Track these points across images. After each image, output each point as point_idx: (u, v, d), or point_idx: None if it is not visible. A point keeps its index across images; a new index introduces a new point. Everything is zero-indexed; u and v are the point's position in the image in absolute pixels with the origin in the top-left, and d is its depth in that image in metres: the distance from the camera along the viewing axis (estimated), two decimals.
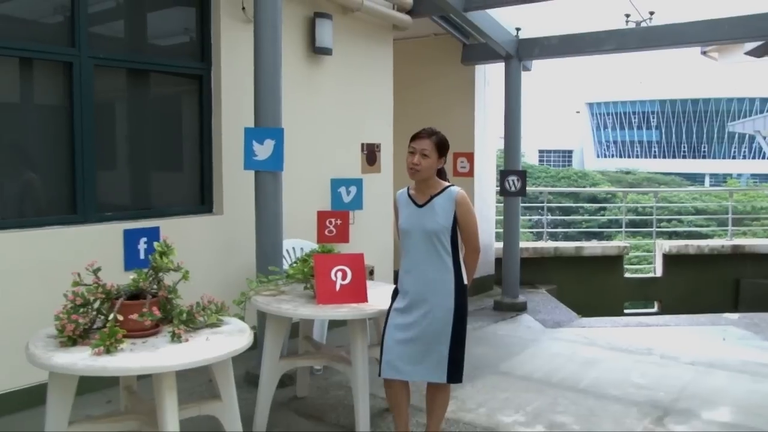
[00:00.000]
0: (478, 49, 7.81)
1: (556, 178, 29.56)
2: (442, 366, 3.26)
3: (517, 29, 7.24)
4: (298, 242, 5.42)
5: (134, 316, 2.82)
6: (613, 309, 9.06)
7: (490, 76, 8.37)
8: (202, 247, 4.96)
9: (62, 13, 4.38)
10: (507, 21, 7.16)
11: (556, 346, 5.94)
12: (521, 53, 7.27)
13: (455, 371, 3.29)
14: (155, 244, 3.00)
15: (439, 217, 3.20)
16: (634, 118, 55.05)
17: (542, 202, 12.38)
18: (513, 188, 7.28)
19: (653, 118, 54.04)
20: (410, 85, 8.04)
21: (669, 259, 9.70)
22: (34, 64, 4.30)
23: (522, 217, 10.06)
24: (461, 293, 3.25)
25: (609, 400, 4.52)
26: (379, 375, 3.34)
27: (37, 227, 4.17)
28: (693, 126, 52.09)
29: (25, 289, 4.03)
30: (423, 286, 3.24)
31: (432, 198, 3.25)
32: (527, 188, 7.33)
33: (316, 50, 5.73)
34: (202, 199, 5.15)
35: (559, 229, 10.80)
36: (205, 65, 5.10)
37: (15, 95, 4.31)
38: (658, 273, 9.83)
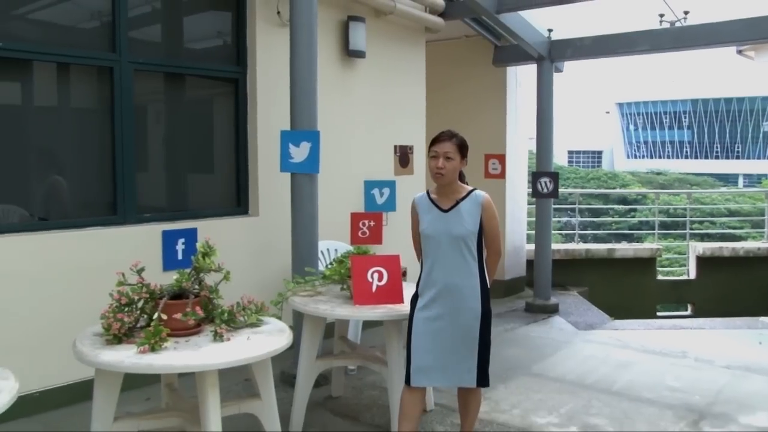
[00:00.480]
0: (510, 50, 7.79)
1: (586, 179, 29.33)
2: (472, 372, 3.25)
3: (549, 30, 7.21)
4: (332, 243, 5.48)
5: (178, 316, 2.89)
6: (646, 311, 8.96)
7: (521, 78, 8.35)
8: (238, 249, 5.04)
9: (103, 19, 4.49)
10: (539, 22, 7.14)
11: (589, 349, 5.91)
12: (553, 54, 7.24)
13: (483, 375, 3.30)
14: (198, 245, 3.07)
15: (467, 222, 3.16)
16: (666, 117, 54.23)
17: (572, 204, 12.28)
18: (545, 190, 7.25)
19: (685, 117, 53.18)
20: (441, 87, 8.05)
21: (703, 261, 9.57)
22: (76, 69, 4.42)
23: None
24: (487, 297, 3.24)
25: (643, 402, 4.48)
26: (408, 383, 3.25)
27: (79, 228, 4.27)
28: (726, 125, 51.11)
29: (69, 289, 4.14)
30: (450, 292, 3.19)
31: (458, 203, 3.21)
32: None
33: (350, 53, 5.79)
34: (238, 200, 5.24)
35: (589, 231, 10.74)
36: (241, 69, 5.18)
37: (58, 100, 4.44)
38: (692, 275, 9.70)
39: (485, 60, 8.07)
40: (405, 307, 3.65)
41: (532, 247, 8.82)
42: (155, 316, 2.86)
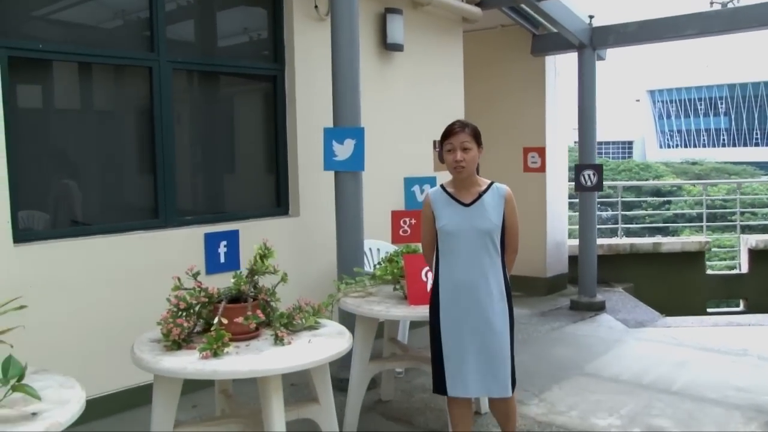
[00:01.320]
0: (549, 39, 7.75)
1: (616, 170, 29.05)
2: (507, 379, 3.15)
3: (591, 17, 7.16)
4: (374, 243, 5.50)
5: (239, 320, 2.92)
6: (695, 308, 8.85)
7: (560, 67, 8.30)
8: (280, 250, 4.98)
9: (141, 18, 4.55)
10: (579, 8, 7.09)
11: (642, 347, 5.87)
12: (595, 42, 7.19)
13: (514, 380, 3.21)
14: (255, 246, 3.11)
15: (492, 215, 3.10)
16: (700, 104, 53.50)
17: (606, 197, 12.17)
18: (589, 183, 7.21)
19: (721, 103, 52.38)
20: (478, 79, 8.03)
21: (756, 254, 9.41)
22: (115, 70, 4.48)
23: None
24: (511, 295, 3.20)
25: (707, 403, 4.44)
26: (444, 392, 3.19)
27: (121, 233, 4.33)
28: (766, 111, 50.24)
29: (114, 295, 4.20)
30: (477, 290, 3.11)
31: (480, 195, 3.14)
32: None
33: (388, 47, 5.80)
34: (278, 201, 5.28)
35: (620, 225, 10.66)
36: (279, 65, 5.22)
37: (98, 101, 4.50)
38: (743, 269, 9.56)
39: (523, 50, 8.04)
40: None
41: (573, 242, 8.82)
42: (215, 320, 2.90)
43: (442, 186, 3.26)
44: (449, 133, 3.17)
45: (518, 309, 7.08)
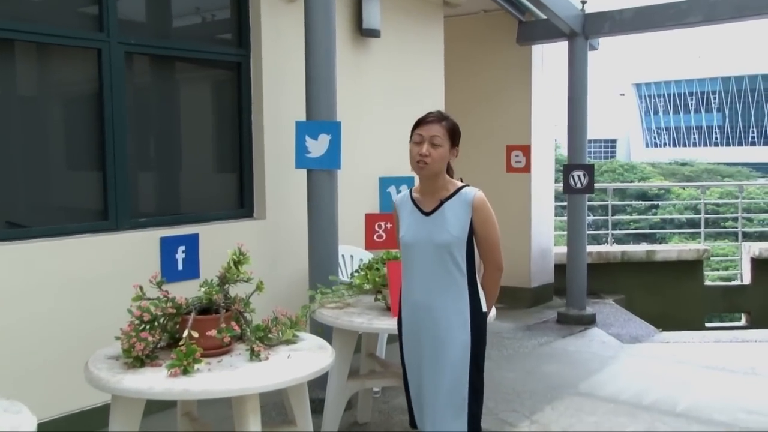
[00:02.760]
0: (536, 26, 7.90)
1: (599, 172, 29.67)
2: (461, 419, 2.96)
3: (583, 2, 7.32)
4: (346, 248, 5.54)
5: (211, 333, 2.93)
6: (693, 322, 9.07)
7: (548, 57, 8.46)
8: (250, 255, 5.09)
9: None
10: None
11: (640, 364, 6.02)
12: (588, 30, 7.36)
13: (474, 426, 2.99)
14: (229, 251, 3.13)
15: (451, 226, 2.93)
16: (691, 99, 54.59)
17: (590, 200, 12.40)
18: (579, 185, 7.37)
19: (714, 98, 53.46)
20: (458, 69, 8.13)
21: (759, 263, 9.64)
22: (58, 51, 4.42)
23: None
24: (480, 326, 2.98)
25: (716, 426, 4.58)
26: (413, 425, 3.18)
27: (65, 236, 4.29)
28: (764, 106, 51.38)
29: (59, 305, 4.16)
30: (431, 317, 2.98)
31: (442, 203, 2.98)
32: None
33: (364, 32, 5.86)
34: (241, 202, 5.29)
35: (602, 231, 10.90)
36: (244, 51, 5.23)
37: (38, 86, 4.44)
38: (746, 280, 9.81)
39: (508, 38, 8.17)
40: None
41: (558, 250, 8.99)
42: (185, 333, 2.91)
43: (410, 191, 3.16)
44: (421, 122, 3.02)
45: (501, 322, 7.29)
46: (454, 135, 3.02)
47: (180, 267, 4.72)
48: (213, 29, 5.34)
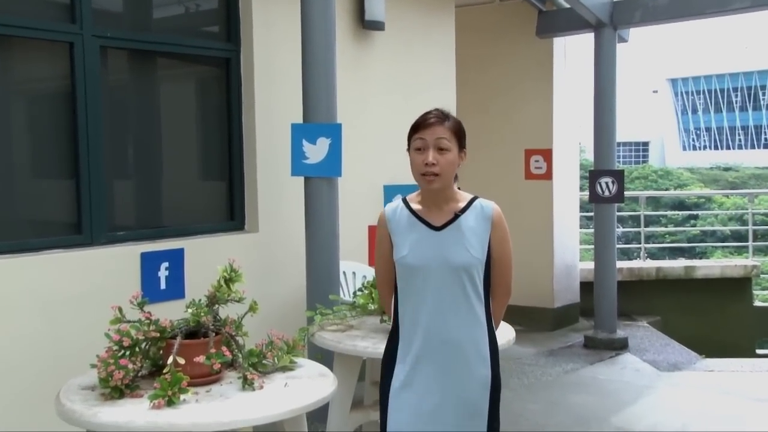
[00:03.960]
0: (558, 16, 7.95)
1: (629, 178, 29.74)
2: None
3: None
4: (348, 264, 5.57)
5: (199, 359, 2.96)
6: (741, 347, 8.99)
7: (571, 51, 8.50)
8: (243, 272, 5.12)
9: None
10: None
11: (680, 396, 6.02)
12: (616, 19, 7.40)
13: None
14: (219, 268, 3.16)
15: (472, 245, 2.81)
16: (736, 95, 54.16)
17: (620, 210, 12.41)
18: (607, 193, 7.40)
19: (763, 94, 52.91)
20: (471, 65, 8.17)
21: None
22: (25, 44, 4.45)
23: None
24: (496, 356, 2.90)
25: None
26: None
27: (33, 251, 4.30)
28: None
29: (21, 329, 4.14)
30: (448, 353, 2.81)
31: (457, 216, 2.84)
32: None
33: (366, 25, 5.91)
34: (231, 213, 5.33)
35: (642, 244, 10.91)
36: (233, 46, 5.28)
37: (2, 84, 4.44)
38: None
39: (526, 29, 8.21)
40: None
41: (585, 266, 9.00)
42: (169, 360, 2.93)
43: (404, 200, 2.98)
44: (421, 124, 2.85)
45: (521, 347, 7.29)
46: (460, 135, 2.87)
47: (163, 286, 4.74)
48: (199, 21, 5.39)
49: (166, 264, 4.76)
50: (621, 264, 9.36)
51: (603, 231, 7.58)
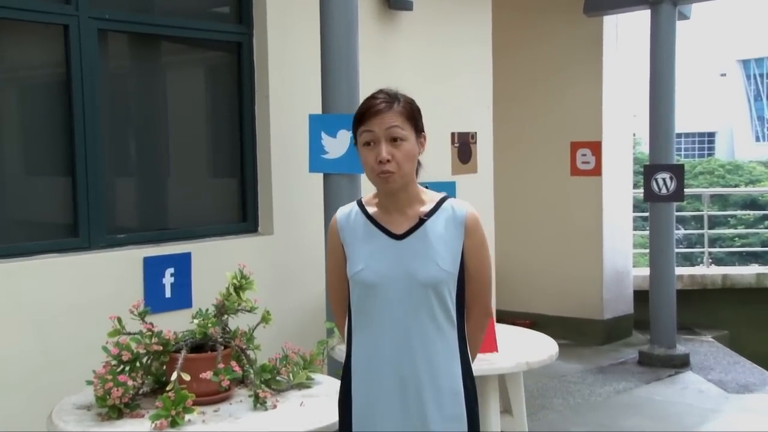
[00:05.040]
0: None
1: (691, 173, 29.41)
2: None
3: None
4: None
5: (206, 375, 3.01)
6: None
7: (623, 31, 8.46)
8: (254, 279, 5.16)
9: None
10: None
11: (752, 422, 5.97)
12: None
13: None
14: (228, 275, 3.20)
15: (441, 255, 2.60)
16: None
17: (681, 210, 12.32)
18: (664, 190, 7.37)
19: None
20: (509, 47, 8.17)
21: None
22: (15, 28, 4.50)
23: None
24: (473, 392, 2.70)
25: None
26: None
27: (25, 256, 4.34)
28: None
29: (16, 341, 4.19)
30: (412, 390, 2.60)
31: (422, 221, 2.64)
32: None
33: (392, 4, 5.93)
34: (243, 214, 5.37)
35: (706, 249, 10.83)
36: (245, 29, 5.31)
37: None
38: None
39: (572, 6, 8.19)
40: (502, 359, 3.78)
41: (639, 272, 8.95)
42: (173, 376, 2.98)
43: (360, 203, 2.79)
44: (366, 113, 2.62)
45: (566, 363, 7.27)
46: (415, 117, 2.67)
47: (168, 294, 4.78)
48: (206, 1, 5.45)
49: (171, 270, 4.80)
50: (681, 270, 9.32)
51: (659, 233, 7.56)
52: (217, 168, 5.46)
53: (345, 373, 2.72)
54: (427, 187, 2.77)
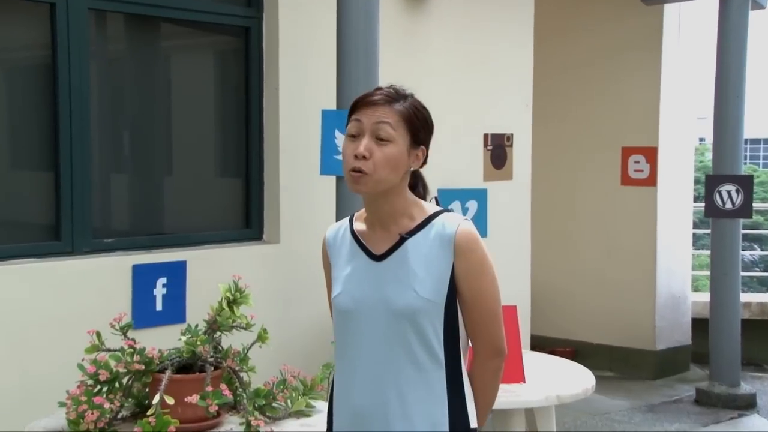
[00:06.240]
0: None
1: (764, 186, 29.04)
2: None
3: None
4: None
5: (192, 399, 3.02)
6: None
7: (686, 21, 8.41)
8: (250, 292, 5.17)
9: None
10: None
11: None
12: None
13: None
14: (221, 286, 3.22)
15: (420, 280, 2.47)
16: None
17: (754, 228, 12.24)
18: (729, 204, 7.31)
19: None
20: (553, 39, 8.14)
21: None
22: None
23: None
24: None
25: None
26: None
27: (1, 261, 4.38)
28: None
29: None
30: None
31: (403, 240, 2.53)
32: None
33: None
34: (247, 219, 5.39)
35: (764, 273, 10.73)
36: (254, 12, 5.33)
37: None
38: None
39: None
40: (529, 390, 3.78)
41: (698, 297, 8.87)
42: (155, 399, 3.00)
43: (351, 219, 2.74)
44: (360, 102, 2.57)
45: (611, 398, 7.22)
46: (415, 126, 2.53)
47: (159, 307, 4.80)
48: None
49: (163, 280, 4.82)
50: (748, 297, 9.22)
51: (722, 253, 7.49)
52: (219, 167, 5.51)
53: (328, 412, 2.70)
54: (437, 200, 2.70)
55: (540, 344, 7.65)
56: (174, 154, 5.30)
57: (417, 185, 2.66)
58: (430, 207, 2.60)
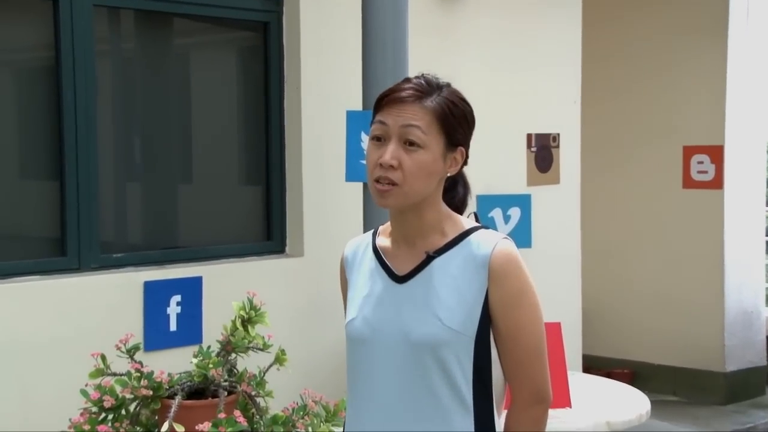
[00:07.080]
0: None
1: None
2: None
3: None
4: None
5: (204, 426, 3.06)
6: None
7: (756, 4, 8.35)
8: (271, 309, 5.16)
9: None
10: None
11: None
12: None
13: None
14: (234, 304, 3.26)
15: (447, 307, 2.29)
16: None
17: None
18: None
19: None
20: (606, 30, 8.12)
21: None
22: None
23: None
24: None
25: None
26: None
27: (1, 278, 4.40)
28: None
29: None
30: None
31: (430, 259, 2.35)
32: None
33: None
34: (268, 231, 5.43)
35: None
36: (273, 5, 5.37)
37: None
38: None
39: None
40: (575, 416, 3.79)
41: None
42: (164, 427, 3.05)
43: (374, 233, 2.58)
44: (384, 99, 2.36)
45: (677, 425, 7.19)
46: (451, 124, 2.34)
47: (173, 327, 4.83)
48: None
49: (177, 298, 4.85)
50: None
51: None
52: (237, 174, 5.54)
53: None
54: (476, 216, 2.55)
55: (594, 365, 7.63)
56: (188, 161, 5.35)
57: (456, 185, 2.61)
58: (466, 222, 2.43)
